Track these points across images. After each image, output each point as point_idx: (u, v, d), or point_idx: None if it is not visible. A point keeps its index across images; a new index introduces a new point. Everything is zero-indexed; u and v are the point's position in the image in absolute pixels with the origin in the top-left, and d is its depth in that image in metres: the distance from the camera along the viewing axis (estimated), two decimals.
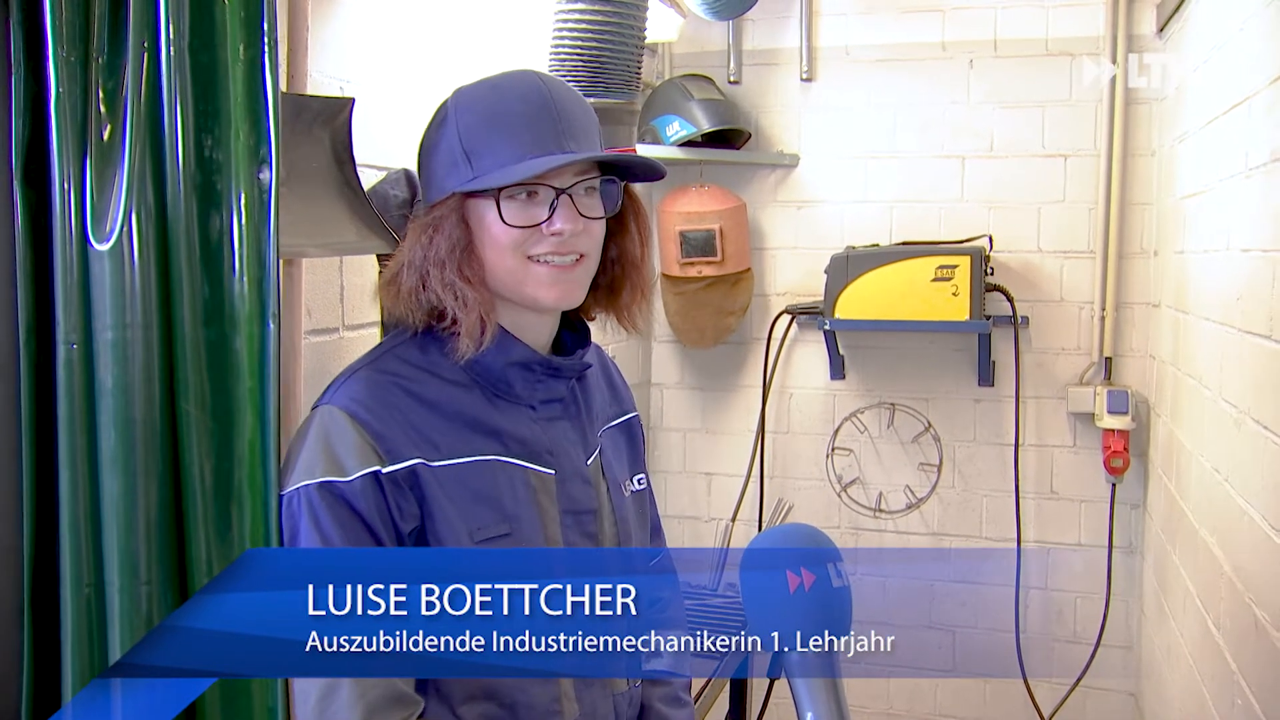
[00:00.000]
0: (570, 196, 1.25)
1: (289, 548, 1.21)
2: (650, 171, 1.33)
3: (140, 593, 1.13)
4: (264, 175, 1.19)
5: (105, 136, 1.10)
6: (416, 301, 1.27)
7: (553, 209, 1.24)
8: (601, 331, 1.50)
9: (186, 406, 1.16)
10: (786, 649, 1.00)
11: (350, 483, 1.19)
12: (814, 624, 0.99)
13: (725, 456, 3.62)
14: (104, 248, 1.10)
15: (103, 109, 1.09)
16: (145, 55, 1.10)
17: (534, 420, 1.33)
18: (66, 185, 1.08)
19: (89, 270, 1.10)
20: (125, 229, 1.11)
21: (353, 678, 1.15)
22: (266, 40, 1.17)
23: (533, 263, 1.26)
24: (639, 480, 1.50)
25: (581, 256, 1.29)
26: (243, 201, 1.17)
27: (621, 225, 1.37)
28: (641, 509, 1.49)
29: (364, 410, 1.23)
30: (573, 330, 1.42)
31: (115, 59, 1.09)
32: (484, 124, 1.25)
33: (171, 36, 1.10)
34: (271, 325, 1.21)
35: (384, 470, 1.21)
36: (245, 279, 1.18)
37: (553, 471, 1.33)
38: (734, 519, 3.49)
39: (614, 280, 1.39)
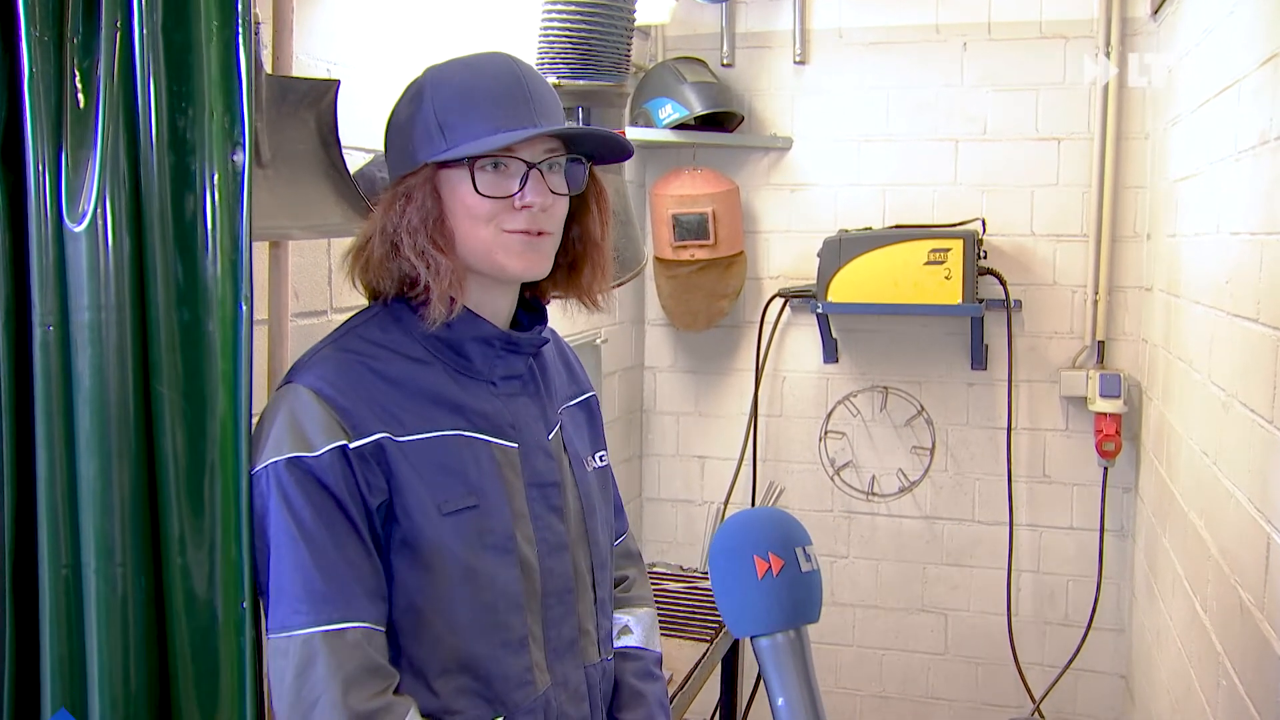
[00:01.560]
0: (540, 172, 1.27)
1: (259, 524, 1.21)
2: (616, 150, 1.35)
3: (115, 574, 1.13)
4: (237, 157, 1.18)
5: (80, 116, 1.09)
6: (386, 270, 1.28)
7: (524, 182, 1.26)
8: (590, 317, 1.50)
9: (160, 388, 1.16)
10: (755, 635, 0.99)
11: (318, 457, 1.20)
12: (782, 610, 0.98)
13: (718, 440, 3.62)
14: (79, 228, 1.09)
15: (79, 88, 1.09)
16: (119, 34, 1.09)
17: (495, 395, 1.34)
18: (41, 166, 1.08)
19: (64, 251, 1.09)
20: (100, 210, 1.10)
21: (328, 651, 1.16)
22: (241, 20, 1.15)
23: (502, 233, 1.27)
24: (600, 457, 1.51)
25: (546, 231, 1.30)
26: (216, 183, 1.16)
27: (583, 205, 1.38)
28: (605, 484, 1.51)
29: (329, 387, 1.24)
30: (528, 310, 1.43)
31: (90, 38, 1.08)
32: (459, 98, 1.26)
33: (145, 15, 1.09)
34: (244, 307, 1.20)
35: (351, 445, 1.21)
36: (219, 261, 1.17)
37: (516, 445, 1.34)
38: (726, 502, 3.49)
39: (575, 259, 1.40)
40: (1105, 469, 3.24)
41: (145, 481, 1.17)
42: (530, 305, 1.43)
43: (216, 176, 1.16)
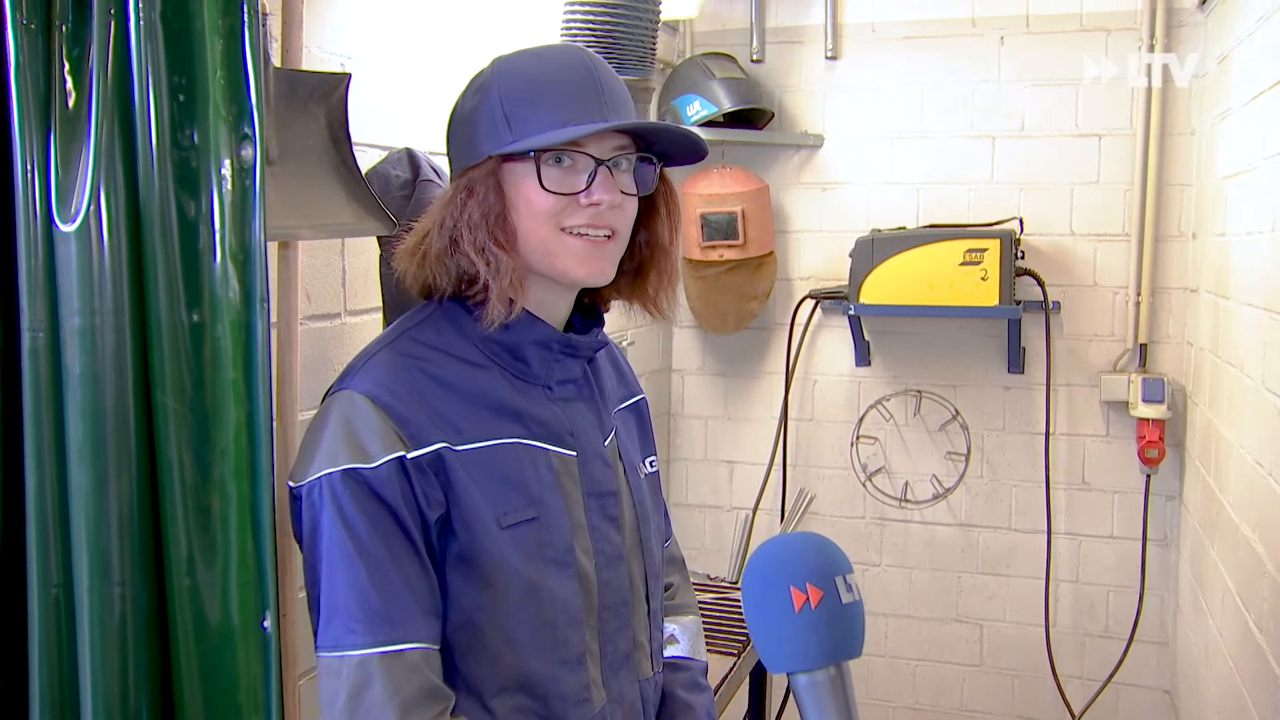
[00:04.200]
0: (609, 169, 1.21)
1: (310, 538, 1.16)
2: (691, 152, 1.28)
3: (112, 593, 1.07)
4: (247, 152, 1.12)
5: (70, 110, 1.03)
6: (444, 266, 1.23)
7: (591, 179, 1.20)
8: (623, 317, 1.44)
9: (163, 398, 1.09)
10: (793, 672, 0.91)
11: (375, 469, 1.14)
12: (821, 645, 0.90)
13: (747, 444, 3.54)
14: (70, 229, 1.03)
15: (68, 80, 1.03)
16: (113, 23, 1.03)
17: (551, 401, 1.29)
18: (29, 162, 1.02)
19: (54, 253, 1.03)
20: (93, 209, 1.04)
21: (385, 673, 1.11)
22: (246, 8, 1.09)
23: (566, 235, 1.21)
24: (651, 463, 1.46)
25: (614, 233, 1.24)
26: (225, 180, 1.10)
27: (653, 208, 1.32)
28: (656, 491, 1.45)
29: (386, 394, 1.18)
30: (585, 312, 1.38)
31: (80, 27, 1.02)
32: (527, 89, 1.20)
33: (141, 3, 1.03)
34: (258, 311, 1.14)
35: (409, 456, 1.16)
36: (228, 262, 1.11)
37: (574, 453, 1.28)
38: (755, 509, 3.41)
39: (641, 264, 1.34)
40: (1148, 476, 3.13)
41: (147, 496, 1.11)
42: (586, 308, 1.38)
43: (225, 173, 1.10)
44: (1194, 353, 2.97)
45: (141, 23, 1.03)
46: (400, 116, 1.93)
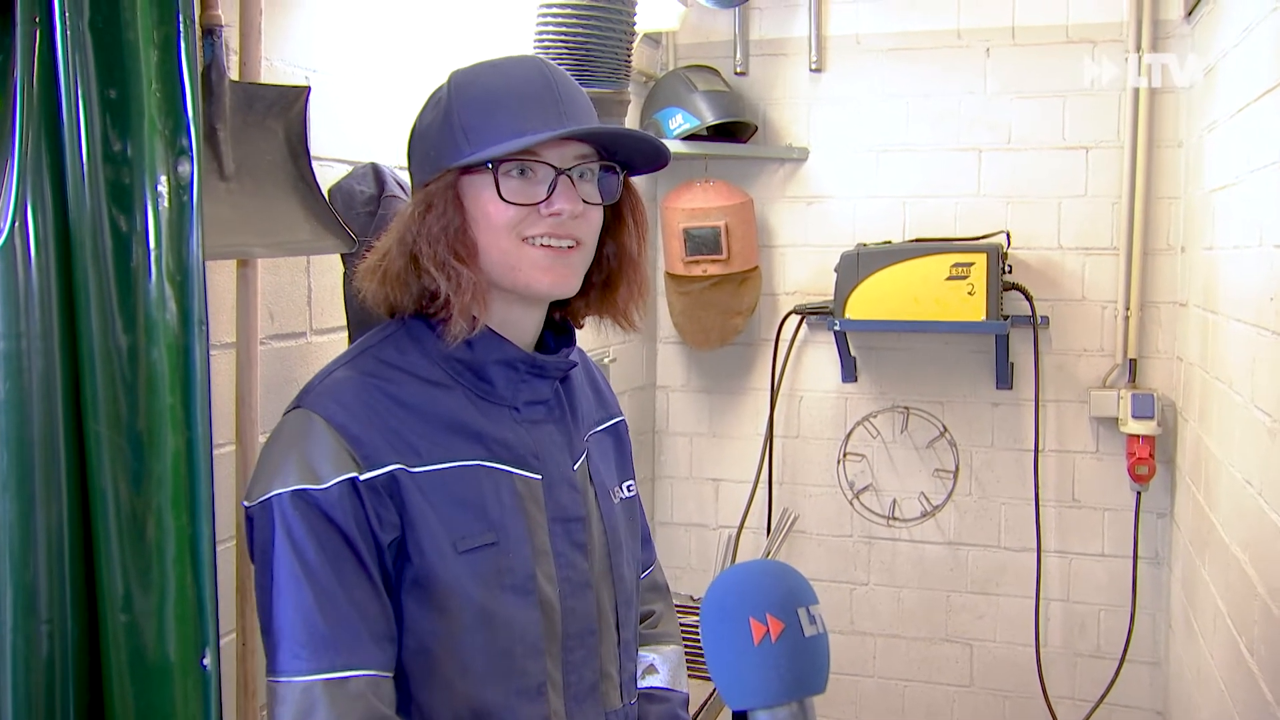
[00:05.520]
0: (570, 178, 1.18)
1: (260, 560, 1.12)
2: (653, 159, 1.25)
3: (39, 631, 1.02)
4: (184, 168, 1.07)
5: None
6: (405, 283, 1.19)
7: (552, 188, 1.17)
8: (599, 334, 1.40)
9: (95, 426, 1.04)
10: (752, 709, 0.86)
11: (326, 490, 1.10)
12: (782, 680, 0.86)
13: (732, 462, 3.49)
14: None
15: None
16: (38, 31, 0.98)
17: (518, 423, 1.24)
18: None
19: None
20: (19, 226, 0.99)
21: (329, 701, 1.07)
22: (182, 17, 1.04)
23: (528, 245, 1.18)
24: (628, 487, 1.41)
25: (578, 243, 1.21)
26: (161, 196, 1.05)
27: (619, 219, 1.29)
28: (632, 517, 1.40)
29: (341, 413, 1.15)
30: (556, 331, 1.34)
31: (2, 35, 0.98)
32: (483, 100, 1.18)
33: (68, 12, 0.98)
34: (196, 334, 1.09)
35: (361, 477, 1.12)
36: (164, 283, 1.06)
37: (539, 476, 1.24)
38: (741, 527, 3.36)
39: (609, 277, 1.31)
40: (1138, 493, 3.08)
41: (78, 528, 1.05)
42: (559, 326, 1.34)
43: (160, 190, 1.05)
44: (1184, 368, 2.93)
45: (68, 32, 0.98)
46: (366, 131, 1.88)
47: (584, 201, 1.19)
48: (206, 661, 1.10)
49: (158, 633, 1.07)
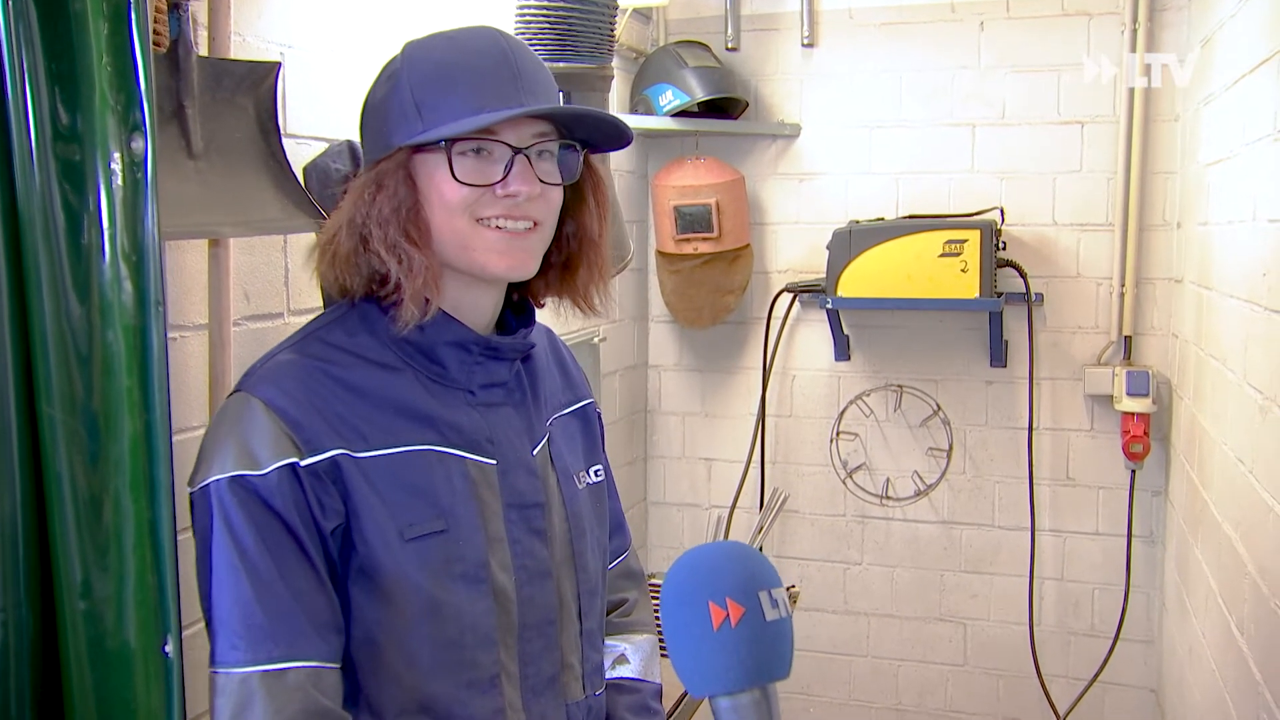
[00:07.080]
0: (527, 158, 1.14)
1: (200, 548, 1.09)
2: (615, 138, 1.21)
3: None
4: (138, 144, 1.03)
5: None
6: (355, 265, 1.15)
7: (508, 169, 1.13)
8: (587, 314, 1.36)
9: (49, 409, 1.02)
10: (713, 695, 0.84)
11: (264, 476, 1.07)
12: (743, 666, 0.83)
13: (725, 441, 3.47)
14: None
15: None
16: None
17: (472, 406, 1.21)
18: None
19: None
20: None
21: (266, 693, 1.05)
22: None
23: (483, 227, 1.14)
24: (596, 472, 1.36)
25: (536, 224, 1.17)
26: (115, 174, 1.02)
27: (579, 198, 1.25)
28: (599, 502, 1.36)
29: (282, 396, 1.11)
30: (517, 311, 1.30)
31: None
32: (437, 75, 1.13)
33: None
34: (153, 314, 1.06)
35: (302, 462, 1.09)
36: (119, 263, 1.03)
37: (494, 461, 1.20)
38: (733, 507, 3.34)
39: (569, 258, 1.27)
40: (1133, 471, 3.06)
41: (32, 514, 1.03)
42: (518, 306, 1.30)
43: (113, 167, 1.02)
44: (1179, 345, 2.90)
45: (10, 2, 0.95)
46: (342, 108, 1.84)
47: (542, 181, 1.15)
48: (168, 648, 1.08)
49: (117, 619, 1.05)
